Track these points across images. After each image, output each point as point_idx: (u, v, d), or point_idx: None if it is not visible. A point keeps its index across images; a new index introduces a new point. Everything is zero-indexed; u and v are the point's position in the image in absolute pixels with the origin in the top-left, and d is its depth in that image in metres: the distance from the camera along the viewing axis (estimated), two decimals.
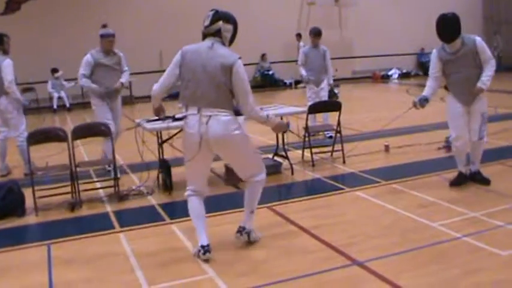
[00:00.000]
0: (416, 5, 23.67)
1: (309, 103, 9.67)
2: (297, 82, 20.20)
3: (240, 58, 4.78)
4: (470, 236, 5.20)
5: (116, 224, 6.23)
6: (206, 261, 4.89)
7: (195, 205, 5.05)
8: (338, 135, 8.49)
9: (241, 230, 5.27)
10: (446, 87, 6.81)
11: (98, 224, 6.22)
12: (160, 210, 6.63)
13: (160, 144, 7.35)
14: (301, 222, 5.84)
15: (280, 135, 8.05)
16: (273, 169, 7.94)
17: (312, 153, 8.30)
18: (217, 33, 4.87)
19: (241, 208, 5.39)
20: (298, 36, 20.84)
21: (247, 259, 5.01)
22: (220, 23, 4.86)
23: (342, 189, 7.12)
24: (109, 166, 7.96)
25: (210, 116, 4.73)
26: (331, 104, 9.01)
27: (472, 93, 6.52)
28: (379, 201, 6.42)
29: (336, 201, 6.69)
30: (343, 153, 8.41)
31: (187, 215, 5.14)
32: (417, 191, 6.75)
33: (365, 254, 4.90)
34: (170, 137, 7.37)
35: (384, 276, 4.46)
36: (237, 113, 4.96)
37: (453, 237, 5.21)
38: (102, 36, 8.15)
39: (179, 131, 7.32)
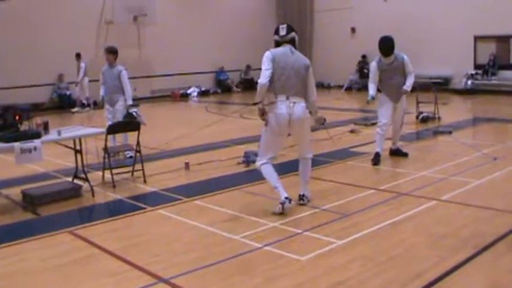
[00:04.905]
0: (213, 26, 24.32)
1: (108, 123, 9.45)
2: (95, 103, 19.31)
3: None
4: (271, 245, 5.42)
5: None
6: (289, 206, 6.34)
7: (272, 170, 6.54)
8: (138, 154, 8.40)
9: (302, 197, 6.83)
10: (379, 90, 9.28)
11: None
12: None
13: None
14: (104, 244, 5.67)
15: (79, 157, 7.75)
16: (73, 192, 7.66)
17: (112, 174, 8.13)
18: (291, 41, 6.54)
19: (44, 234, 5.88)
20: (77, 56, 19.90)
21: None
22: (293, 33, 6.57)
23: (144, 208, 7.03)
24: None
25: (295, 103, 6.36)
26: (130, 124, 8.87)
27: (399, 94, 9.12)
28: (182, 218, 6.45)
29: (139, 221, 6.60)
30: (143, 173, 8.33)
31: None
32: (219, 205, 6.90)
33: (170, 270, 4.89)
34: None
35: None
36: None
37: (255, 248, 5.38)
38: None
39: None
